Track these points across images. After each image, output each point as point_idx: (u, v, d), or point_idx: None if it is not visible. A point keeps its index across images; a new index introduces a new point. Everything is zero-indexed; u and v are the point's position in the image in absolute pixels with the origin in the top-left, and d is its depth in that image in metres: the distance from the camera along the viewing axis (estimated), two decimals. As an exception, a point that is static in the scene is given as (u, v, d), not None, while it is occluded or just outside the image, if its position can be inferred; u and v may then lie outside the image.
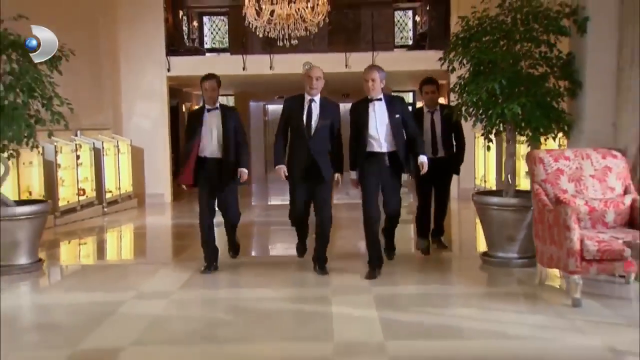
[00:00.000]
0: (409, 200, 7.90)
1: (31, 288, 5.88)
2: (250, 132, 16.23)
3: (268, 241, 8.83)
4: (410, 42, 16.08)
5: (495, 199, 6.11)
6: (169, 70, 11.66)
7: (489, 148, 6.49)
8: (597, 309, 4.62)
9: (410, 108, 8.58)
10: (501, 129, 6.14)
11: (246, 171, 5.90)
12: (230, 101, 16.82)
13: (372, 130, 5.58)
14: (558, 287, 5.22)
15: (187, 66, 11.71)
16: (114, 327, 4.51)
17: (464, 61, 6.05)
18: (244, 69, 11.66)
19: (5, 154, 6.06)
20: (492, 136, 6.19)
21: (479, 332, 4.34)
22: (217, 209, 6.04)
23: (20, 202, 6.57)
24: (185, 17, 14.71)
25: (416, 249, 6.77)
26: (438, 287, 5.47)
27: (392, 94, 5.93)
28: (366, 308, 4.75)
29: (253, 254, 7.69)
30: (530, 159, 5.44)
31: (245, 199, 11.53)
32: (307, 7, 9.39)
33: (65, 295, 5.57)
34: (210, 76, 5.92)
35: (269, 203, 13.19)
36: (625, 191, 5.19)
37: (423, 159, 5.68)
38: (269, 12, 9.43)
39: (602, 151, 5.34)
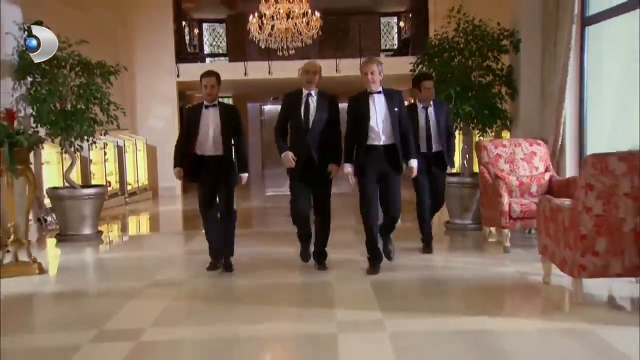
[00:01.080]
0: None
1: (101, 250, 7.98)
2: (248, 130, 18.39)
3: (270, 221, 11.05)
4: (396, 46, 18.23)
5: (454, 178, 8.30)
6: (178, 76, 13.73)
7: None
8: (520, 254, 6.78)
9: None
10: (460, 125, 8.32)
11: (247, 175, 6.20)
12: (228, 102, 18.97)
13: (372, 123, 5.77)
14: (497, 242, 7.38)
15: (193, 72, 13.41)
16: (175, 268, 6.67)
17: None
18: (245, 74, 13.73)
19: (72, 148, 8.15)
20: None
21: (436, 267, 6.57)
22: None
23: (84, 186, 8.69)
24: (187, 26, 16.74)
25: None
26: (409, 245, 7.42)
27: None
28: (353, 258, 6.79)
29: (259, 229, 9.87)
30: (477, 147, 7.63)
31: (245, 191, 13.70)
32: (302, 22, 11.52)
33: (129, 253, 7.76)
34: (209, 73, 5.99)
35: (266, 194, 15.33)
36: (546, 170, 7.37)
37: (414, 163, 5.94)
38: (270, 27, 11.54)
39: (530, 140, 7.52)
